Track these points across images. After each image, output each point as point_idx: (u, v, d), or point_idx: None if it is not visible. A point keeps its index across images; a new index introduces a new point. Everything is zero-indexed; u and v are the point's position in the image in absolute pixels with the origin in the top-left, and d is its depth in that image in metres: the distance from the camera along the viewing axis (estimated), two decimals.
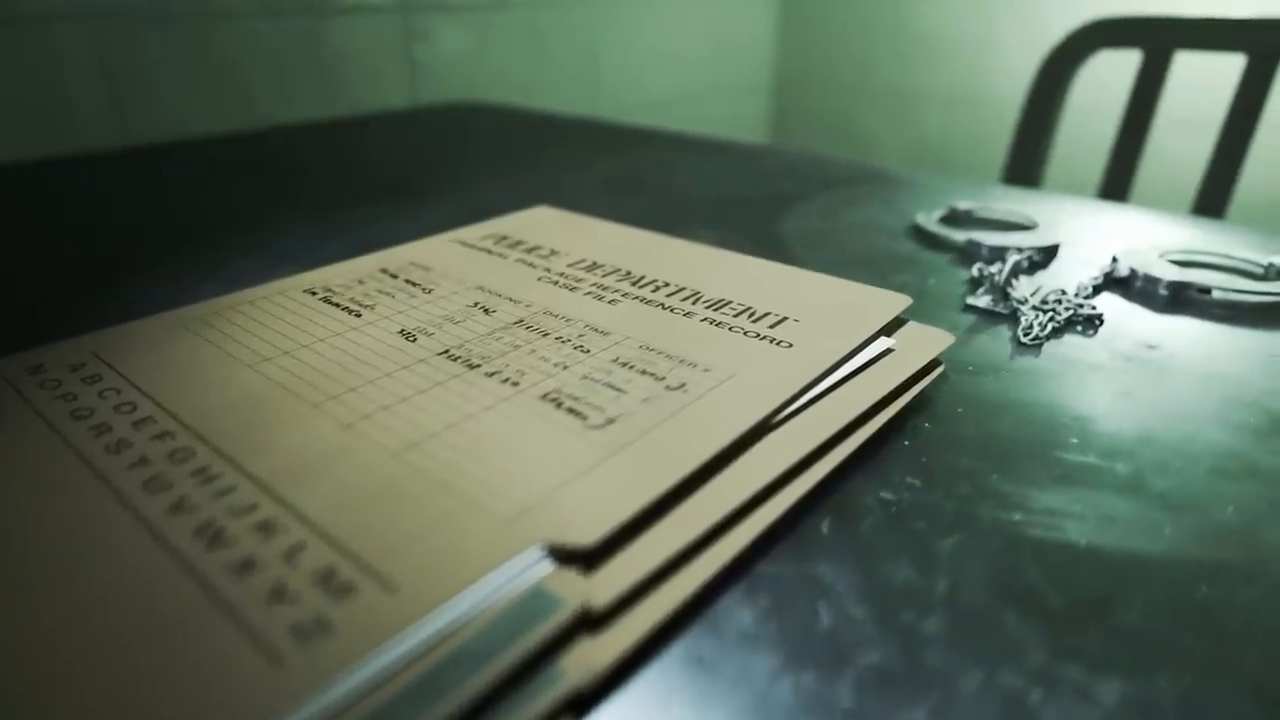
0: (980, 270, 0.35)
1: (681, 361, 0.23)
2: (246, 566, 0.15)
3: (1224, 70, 1.15)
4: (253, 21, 0.88)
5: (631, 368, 0.23)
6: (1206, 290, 0.33)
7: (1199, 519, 0.20)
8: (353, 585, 0.15)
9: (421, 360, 0.23)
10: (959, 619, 0.17)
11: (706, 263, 0.31)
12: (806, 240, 0.40)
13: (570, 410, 0.21)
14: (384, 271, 0.30)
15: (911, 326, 0.27)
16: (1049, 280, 0.35)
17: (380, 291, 0.28)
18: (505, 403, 0.21)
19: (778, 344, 0.24)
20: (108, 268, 0.36)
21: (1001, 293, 0.33)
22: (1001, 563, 0.18)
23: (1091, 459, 0.22)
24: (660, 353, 0.24)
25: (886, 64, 1.57)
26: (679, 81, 1.46)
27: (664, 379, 0.22)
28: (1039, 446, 0.23)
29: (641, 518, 0.17)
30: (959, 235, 0.39)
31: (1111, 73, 1.23)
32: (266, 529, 0.16)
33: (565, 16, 1.22)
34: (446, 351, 0.24)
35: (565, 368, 0.23)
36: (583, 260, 0.31)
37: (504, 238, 0.34)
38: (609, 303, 0.27)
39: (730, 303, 0.27)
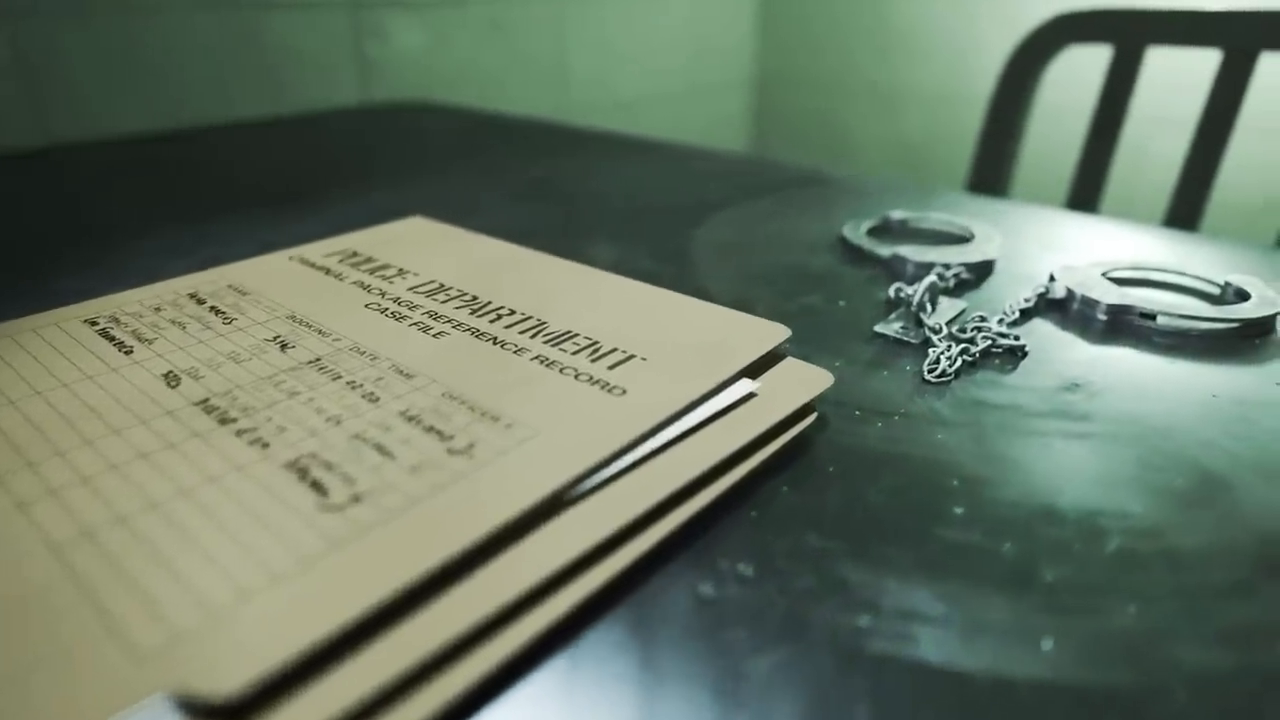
0: (897, 291, 0.31)
1: (484, 415, 0.19)
2: None
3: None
4: (186, 16, 0.84)
5: (418, 423, 0.19)
6: (1150, 316, 0.29)
7: (1091, 626, 0.16)
8: None
9: (169, 412, 0.19)
10: None
11: (569, 286, 0.27)
12: (715, 254, 0.36)
13: (314, 483, 0.16)
14: (191, 296, 0.26)
15: (789, 364, 0.23)
16: (979, 302, 0.31)
17: (173, 322, 0.24)
18: (237, 472, 0.17)
19: (610, 390, 0.20)
20: None
21: (914, 319, 0.29)
22: (826, 694, 0.14)
23: (975, 537, 0.18)
24: (463, 402, 0.20)
25: (868, 61, 1.52)
26: (653, 80, 1.42)
27: (451, 439, 0.18)
28: (914, 519, 0.19)
29: (344, 641, 0.13)
30: (885, 249, 0.35)
31: (1093, 70, 1.19)
32: None
33: (529, 11, 1.18)
34: (205, 401, 0.20)
35: (338, 423, 0.19)
36: (430, 283, 0.27)
37: (354, 254, 0.30)
38: (434, 336, 0.23)
39: (575, 336, 0.23)
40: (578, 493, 0.17)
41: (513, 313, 0.25)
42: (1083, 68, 1.21)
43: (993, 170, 0.68)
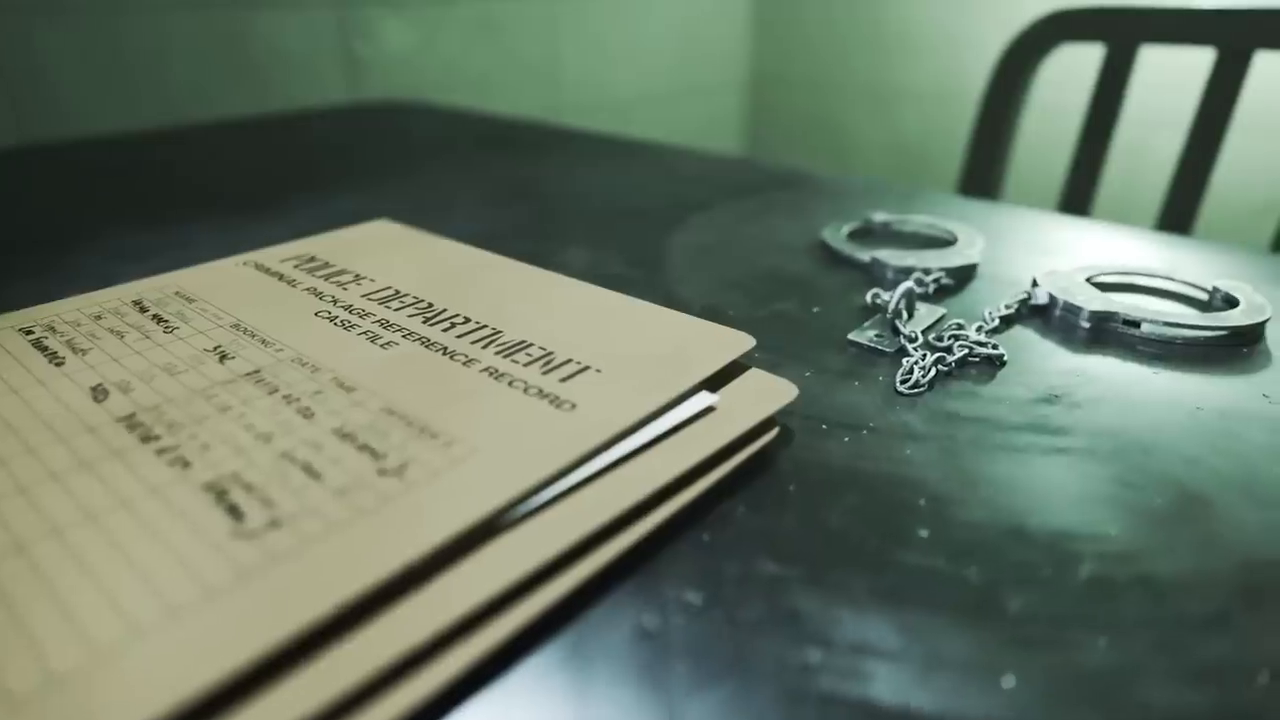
0: (874, 297, 0.30)
1: (422, 431, 0.18)
2: None
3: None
4: (168, 14, 0.83)
5: (352, 441, 0.18)
6: (1135, 323, 0.28)
7: (1057, 661, 0.15)
8: None
9: (91, 429, 0.18)
10: None
11: (530, 293, 0.26)
12: (690, 258, 0.35)
13: (230, 507, 0.15)
14: (135, 304, 0.25)
15: (753, 375, 0.22)
16: (959, 308, 0.30)
17: (112, 331, 0.23)
18: (151, 495, 0.16)
19: (559, 404, 0.19)
20: None
21: (890, 326, 0.28)
22: None
23: (939, 562, 0.17)
24: (403, 418, 0.19)
25: (864, 61, 1.51)
26: (647, 80, 1.41)
27: (384, 458, 0.17)
28: (876, 542, 0.18)
29: (246, 681, 0.12)
30: (864, 253, 0.34)
31: (1090, 69, 1.18)
32: None
33: (522, 10, 1.17)
34: (130, 416, 0.19)
35: (267, 441, 0.18)
36: (386, 289, 0.26)
37: (312, 259, 0.29)
38: (382, 346, 0.22)
39: (529, 346, 0.22)
40: (516, 515, 0.16)
41: (467, 321, 0.24)
42: (1080, 67, 1.20)
43: (984, 171, 0.67)
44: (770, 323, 0.29)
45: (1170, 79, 1.16)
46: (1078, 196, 0.63)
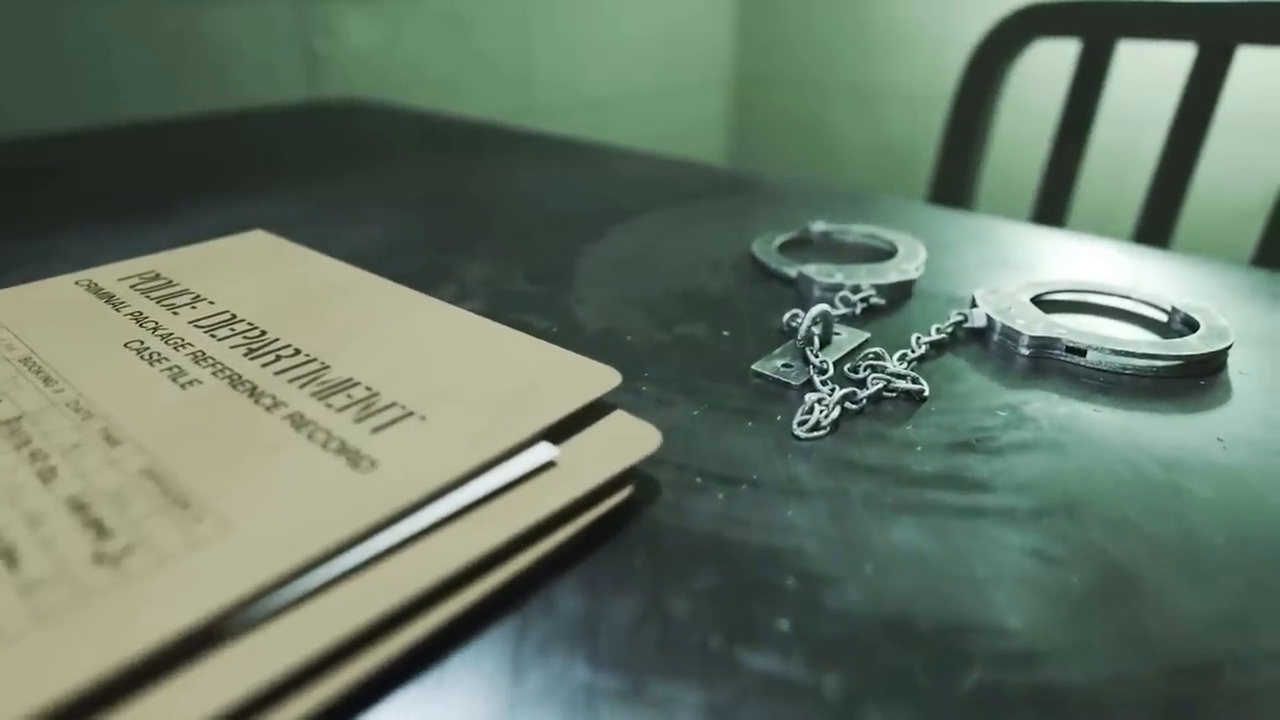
0: (791, 319, 0.27)
1: (175, 501, 0.15)
2: None
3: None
4: (113, 8, 0.79)
5: (84, 513, 0.14)
6: (1080, 351, 0.24)
7: None
8: None
9: None
10: None
11: (385, 320, 0.23)
12: (601, 273, 0.32)
13: None
14: None
15: (615, 420, 0.19)
16: (889, 331, 0.27)
17: None
18: None
19: (356, 463, 0.16)
20: None
21: (801, 355, 0.24)
22: None
23: (794, 668, 0.14)
24: (159, 482, 0.15)
25: (848, 60, 1.48)
26: (625, 80, 1.37)
27: (111, 537, 0.14)
28: (724, 638, 0.14)
29: None
30: (794, 267, 0.31)
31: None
32: None
33: (490, 7, 1.13)
34: None
35: None
36: (222, 314, 0.23)
37: (156, 277, 0.26)
38: (182, 385, 0.19)
39: (355, 386, 0.19)
40: (258, 614, 0.13)
41: (296, 354, 0.21)
42: (1060, 65, 1.17)
43: (956, 176, 0.64)
44: (671, 349, 0.26)
45: (1160, 76, 1.13)
46: (1052, 202, 0.60)
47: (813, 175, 1.58)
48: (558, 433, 0.18)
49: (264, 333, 0.22)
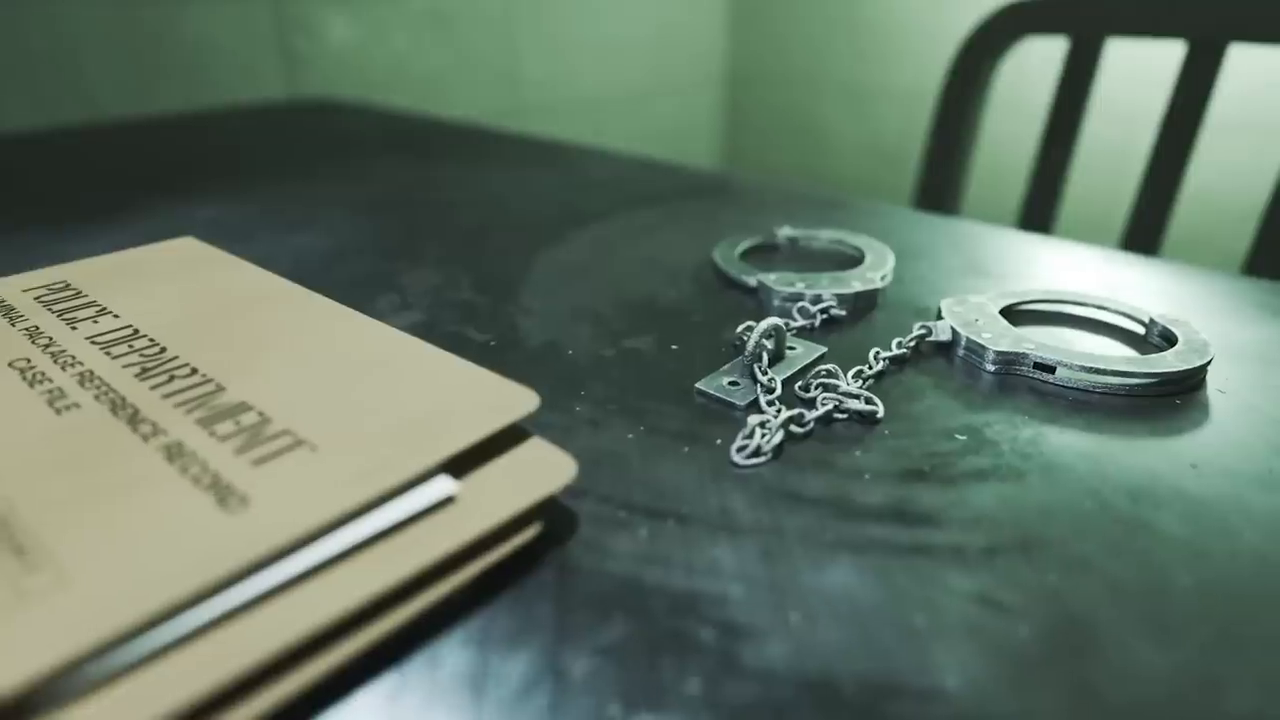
0: (744, 333, 0.25)
1: (13, 548, 0.13)
2: None
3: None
4: (86, 5, 0.78)
5: None
6: (1049, 368, 0.23)
7: None
8: None
9: None
10: None
11: (299, 335, 0.21)
12: (551, 281, 0.30)
13: None
14: None
15: (530, 447, 0.17)
16: (848, 345, 0.25)
17: None
18: None
19: (225, 502, 0.14)
20: None
21: (749, 372, 0.23)
22: None
23: None
24: (4, 525, 0.14)
25: (842, 58, 1.47)
26: (616, 79, 1.36)
27: None
28: (622, 706, 0.13)
29: None
30: (755, 276, 0.29)
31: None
32: None
33: (474, 4, 1.12)
34: None
35: None
36: (124, 329, 0.22)
37: (65, 287, 0.24)
38: (59, 411, 0.17)
39: (247, 411, 0.17)
40: (88, 679, 0.11)
41: (193, 374, 0.19)
42: (1055, 65, 1.15)
43: (942, 178, 0.62)
44: (613, 365, 0.24)
45: (1159, 74, 1.11)
46: (1039, 205, 0.58)
47: (795, 176, 1.56)
48: (464, 463, 0.16)
49: (163, 350, 0.20)
